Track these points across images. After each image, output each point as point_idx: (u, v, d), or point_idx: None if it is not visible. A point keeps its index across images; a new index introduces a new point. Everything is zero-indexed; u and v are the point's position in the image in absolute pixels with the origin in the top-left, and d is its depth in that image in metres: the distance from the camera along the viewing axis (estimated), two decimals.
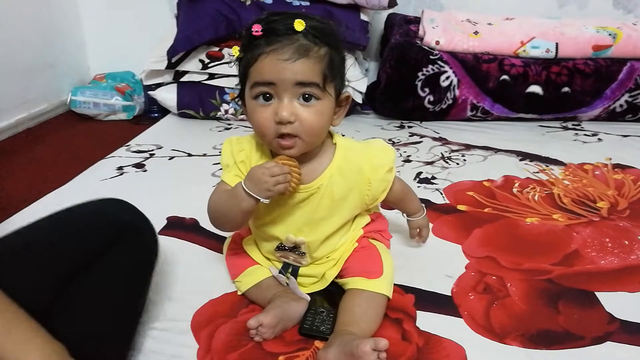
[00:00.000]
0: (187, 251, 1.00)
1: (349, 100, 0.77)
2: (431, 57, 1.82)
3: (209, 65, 1.86)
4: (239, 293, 0.85)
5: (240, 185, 0.70)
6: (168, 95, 1.90)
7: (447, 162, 1.50)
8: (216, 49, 1.88)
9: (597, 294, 0.87)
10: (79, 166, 1.44)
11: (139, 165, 1.45)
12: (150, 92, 1.93)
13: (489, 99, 1.87)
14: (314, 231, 0.80)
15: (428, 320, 0.80)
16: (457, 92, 1.84)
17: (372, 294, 0.77)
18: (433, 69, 1.82)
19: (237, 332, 0.76)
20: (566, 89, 1.84)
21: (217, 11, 1.84)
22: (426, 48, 1.85)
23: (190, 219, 1.11)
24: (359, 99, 1.91)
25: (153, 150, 1.59)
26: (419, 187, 1.31)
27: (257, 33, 0.67)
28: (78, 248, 0.64)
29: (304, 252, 0.81)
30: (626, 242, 1.05)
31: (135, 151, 1.58)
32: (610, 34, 1.87)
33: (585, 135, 1.78)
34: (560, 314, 0.82)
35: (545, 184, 1.34)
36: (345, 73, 0.75)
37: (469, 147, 1.63)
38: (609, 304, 0.85)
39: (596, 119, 1.93)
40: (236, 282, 0.86)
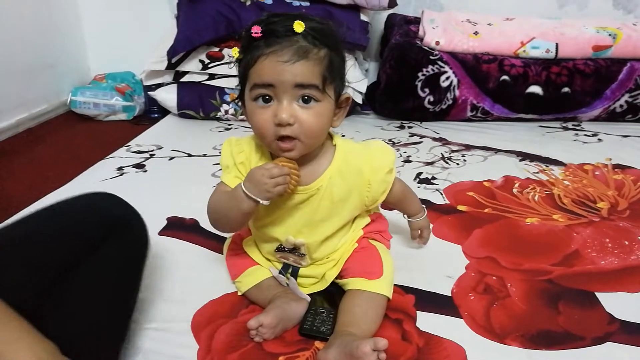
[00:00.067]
0: (187, 251, 1.00)
1: (349, 101, 0.76)
2: (431, 58, 1.82)
3: (209, 65, 1.86)
4: (239, 293, 0.85)
5: (240, 186, 0.70)
6: (168, 96, 1.90)
7: (447, 163, 1.50)
8: (216, 50, 1.88)
9: (597, 294, 0.87)
10: (79, 166, 1.44)
11: (139, 166, 1.46)
12: (151, 93, 1.93)
13: (489, 99, 1.87)
14: (314, 232, 0.80)
15: (428, 321, 0.80)
16: (457, 93, 1.84)
17: (372, 295, 0.77)
18: (433, 70, 1.82)
19: (238, 333, 0.76)
20: (566, 90, 1.84)
21: (217, 11, 1.84)
22: (426, 48, 1.85)
23: (190, 220, 1.11)
24: (359, 99, 1.91)
25: (153, 150, 1.59)
26: (419, 188, 1.31)
27: (257, 34, 0.67)
28: (69, 243, 0.63)
29: (304, 254, 0.81)
30: (626, 243, 1.05)
31: (135, 151, 1.58)
32: (610, 35, 1.87)
33: (586, 135, 1.78)
34: (560, 314, 0.82)
35: (546, 185, 1.34)
36: (346, 74, 0.75)
37: (469, 148, 1.63)
38: (609, 304, 0.85)
39: (596, 119, 1.93)
40: (236, 283, 0.86)
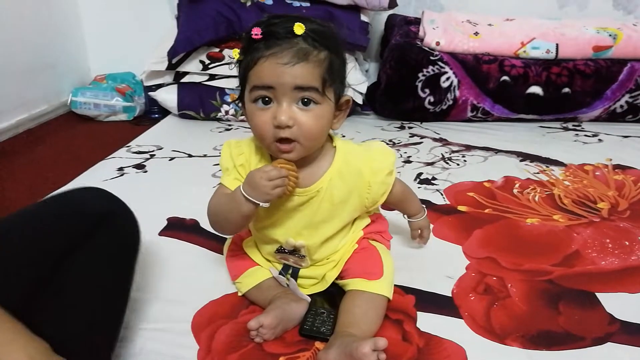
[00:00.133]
0: (188, 252, 1.00)
1: (349, 104, 0.76)
2: (431, 58, 1.82)
3: (210, 66, 1.86)
4: (240, 294, 0.85)
5: (239, 189, 0.70)
6: (168, 96, 1.90)
7: (448, 163, 1.50)
8: (216, 50, 1.88)
9: (598, 294, 0.87)
10: (79, 167, 1.44)
11: (140, 166, 1.46)
12: (151, 93, 1.94)
13: (489, 100, 1.87)
14: (314, 234, 0.80)
15: (428, 321, 0.80)
16: (458, 93, 1.84)
17: (373, 295, 0.77)
18: (433, 70, 1.82)
19: (238, 333, 0.76)
20: (566, 90, 1.84)
21: (218, 12, 1.84)
22: (426, 49, 1.85)
23: (190, 220, 1.11)
24: (359, 99, 1.91)
25: (153, 151, 1.59)
26: (419, 188, 1.31)
27: (257, 36, 0.67)
28: (53, 238, 0.63)
29: (304, 255, 0.81)
30: (627, 243, 1.04)
31: (135, 152, 1.58)
32: (610, 35, 1.87)
33: (586, 136, 1.79)
34: (560, 314, 0.82)
35: (546, 185, 1.34)
36: (346, 76, 0.75)
37: (469, 148, 1.63)
38: (609, 304, 0.85)
39: (596, 119, 1.93)
40: (236, 283, 0.86)
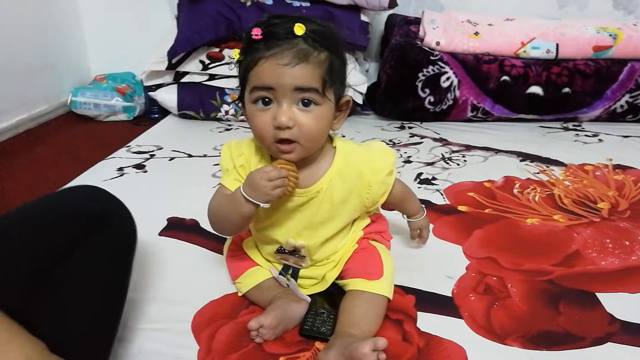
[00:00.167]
0: (188, 252, 1.00)
1: (349, 104, 0.76)
2: (431, 58, 1.82)
3: (210, 66, 1.86)
4: (240, 294, 0.85)
5: (239, 190, 0.70)
6: (168, 96, 1.90)
7: (448, 163, 1.50)
8: (216, 50, 1.88)
9: (598, 294, 0.87)
10: (79, 167, 1.44)
11: (140, 166, 1.46)
12: (151, 93, 1.93)
13: (490, 100, 1.87)
14: (314, 235, 0.80)
15: (429, 321, 0.80)
16: (458, 93, 1.84)
17: (373, 295, 0.77)
18: (433, 70, 1.82)
19: (238, 333, 0.76)
20: (567, 90, 1.84)
21: (218, 12, 1.84)
22: (426, 49, 1.85)
23: (190, 220, 1.11)
24: (360, 99, 1.91)
25: (153, 151, 1.59)
26: (419, 188, 1.31)
27: (257, 37, 0.67)
28: (49, 237, 0.62)
29: (304, 256, 0.81)
30: (627, 243, 1.04)
31: (135, 152, 1.58)
32: (610, 35, 1.87)
33: (586, 135, 1.78)
34: (560, 314, 0.82)
35: (546, 185, 1.34)
36: (346, 77, 0.74)
37: (469, 148, 1.63)
38: (609, 304, 0.85)
39: (597, 119, 1.93)
40: (236, 283, 0.86)
